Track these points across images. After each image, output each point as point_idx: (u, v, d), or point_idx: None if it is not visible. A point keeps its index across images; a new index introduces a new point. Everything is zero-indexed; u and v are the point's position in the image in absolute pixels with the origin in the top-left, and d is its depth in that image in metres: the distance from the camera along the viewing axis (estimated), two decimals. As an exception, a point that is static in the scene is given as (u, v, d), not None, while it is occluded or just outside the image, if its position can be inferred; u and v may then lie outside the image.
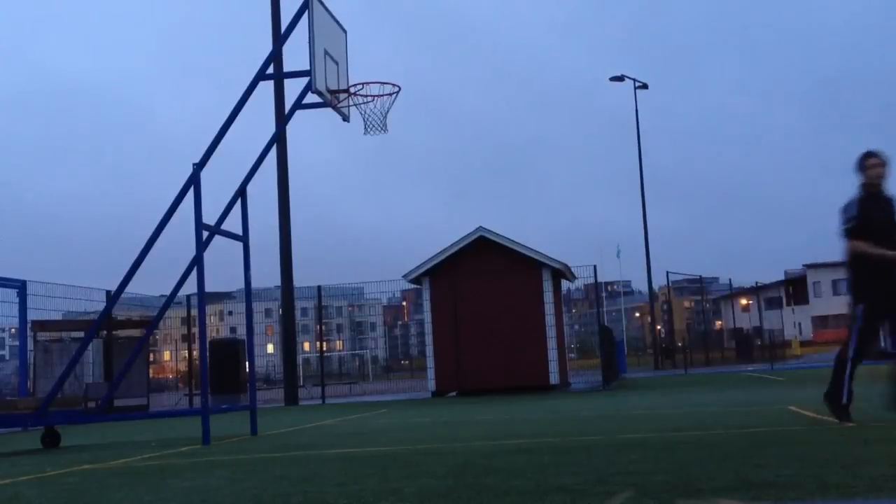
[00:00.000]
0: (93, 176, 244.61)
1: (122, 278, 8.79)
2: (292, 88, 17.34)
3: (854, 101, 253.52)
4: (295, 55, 9.14)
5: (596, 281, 21.18)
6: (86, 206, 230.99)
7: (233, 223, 9.34)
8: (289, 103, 10.55)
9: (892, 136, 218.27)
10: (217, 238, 9.11)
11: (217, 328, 75.49)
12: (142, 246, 8.72)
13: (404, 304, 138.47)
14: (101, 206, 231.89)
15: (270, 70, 9.28)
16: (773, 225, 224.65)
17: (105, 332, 19.21)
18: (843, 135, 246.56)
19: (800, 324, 70.87)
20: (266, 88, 20.25)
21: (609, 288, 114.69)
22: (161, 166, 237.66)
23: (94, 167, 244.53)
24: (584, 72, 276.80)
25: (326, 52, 9.01)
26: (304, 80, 8.97)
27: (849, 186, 6.71)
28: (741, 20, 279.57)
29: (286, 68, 12.77)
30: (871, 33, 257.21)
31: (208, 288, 8.67)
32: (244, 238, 9.51)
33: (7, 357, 66.96)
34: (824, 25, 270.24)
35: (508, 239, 19.46)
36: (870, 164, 6.58)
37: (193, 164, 8.60)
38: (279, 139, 17.01)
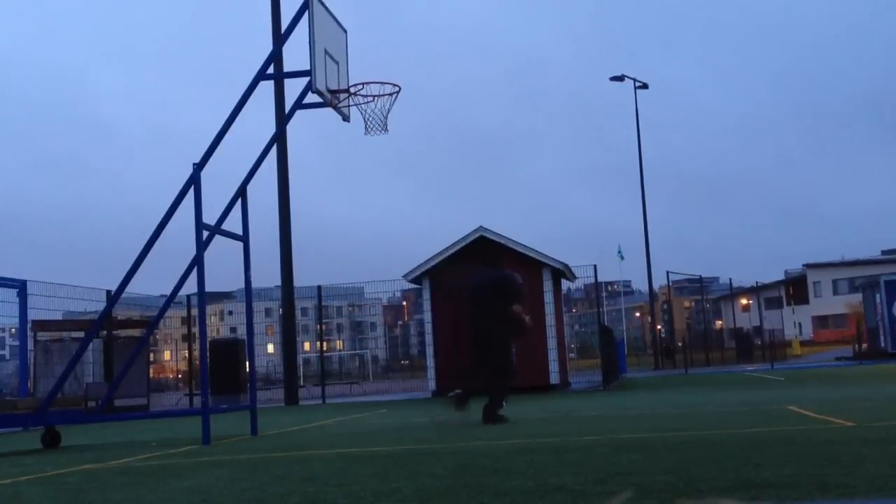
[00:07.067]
0: (35, 164, 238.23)
1: (122, 278, 8.80)
2: (292, 88, 17.36)
3: (847, 99, 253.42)
4: (295, 55, 9.16)
5: (596, 281, 21.20)
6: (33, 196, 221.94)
7: (233, 223, 9.35)
8: (289, 103, 10.55)
9: (885, 133, 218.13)
10: (217, 238, 9.11)
11: (217, 328, 75.41)
12: (140, 245, 8.72)
13: (404, 303, 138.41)
14: (49, 196, 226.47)
15: (271, 70, 9.27)
16: (773, 224, 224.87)
17: (105, 332, 19.22)
18: (841, 133, 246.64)
19: (800, 324, 70.84)
20: (266, 88, 20.27)
21: (609, 288, 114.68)
22: (106, 153, 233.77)
23: (35, 154, 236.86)
24: (576, 66, 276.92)
25: (326, 52, 9.00)
26: (305, 80, 8.97)
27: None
28: (738, 17, 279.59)
29: (286, 68, 12.77)
30: (867, 33, 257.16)
31: (208, 288, 8.67)
32: (244, 238, 9.51)
33: (7, 357, 66.91)
34: (825, 23, 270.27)
35: (508, 238, 19.46)
36: None
37: (193, 164, 8.60)
38: (279, 139, 17.01)
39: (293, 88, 12.38)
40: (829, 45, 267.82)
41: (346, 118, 9.46)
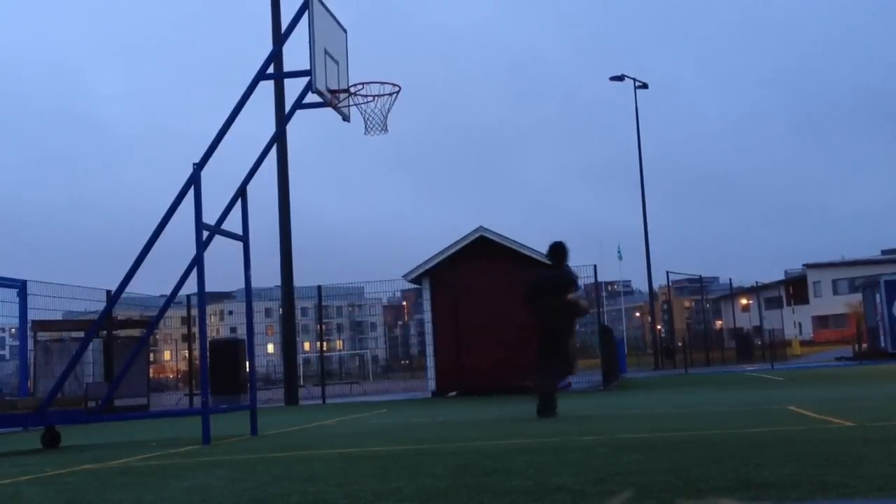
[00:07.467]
0: (35, 164, 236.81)
1: (122, 278, 8.80)
2: (292, 88, 17.35)
3: (848, 99, 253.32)
4: (295, 55, 9.16)
5: (596, 281, 21.17)
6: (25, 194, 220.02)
7: (233, 223, 9.35)
8: (289, 103, 10.55)
9: (885, 133, 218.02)
10: (217, 238, 9.11)
11: (217, 328, 75.44)
12: (140, 245, 8.72)
13: (404, 304, 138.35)
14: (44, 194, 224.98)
15: (271, 70, 9.27)
16: (773, 224, 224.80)
17: (105, 332, 19.22)
18: (841, 133, 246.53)
19: (800, 323, 70.91)
20: (266, 88, 20.26)
21: (609, 288, 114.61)
22: (105, 153, 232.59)
23: (35, 154, 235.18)
24: (575, 66, 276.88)
25: (326, 52, 9.00)
26: (305, 79, 8.97)
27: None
28: (738, 16, 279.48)
29: (286, 68, 12.77)
30: (867, 33, 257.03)
31: (208, 288, 8.67)
32: (244, 238, 9.51)
33: (7, 357, 66.91)
34: (825, 23, 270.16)
35: (508, 239, 19.47)
36: None
37: (193, 164, 8.60)
38: (279, 139, 17.01)
39: (293, 88, 12.38)
40: (829, 44, 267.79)
41: (346, 118, 9.46)
